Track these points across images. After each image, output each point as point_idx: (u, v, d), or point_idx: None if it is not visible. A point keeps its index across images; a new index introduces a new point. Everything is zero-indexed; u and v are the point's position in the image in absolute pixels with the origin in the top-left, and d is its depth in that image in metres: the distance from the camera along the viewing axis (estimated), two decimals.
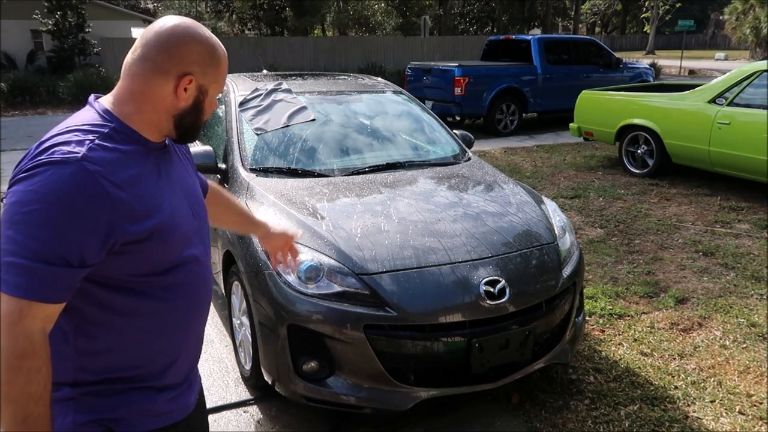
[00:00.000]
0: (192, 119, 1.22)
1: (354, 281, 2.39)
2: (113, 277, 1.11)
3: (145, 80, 1.15)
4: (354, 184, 3.09)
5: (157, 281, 1.17)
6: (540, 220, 2.95)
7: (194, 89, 1.18)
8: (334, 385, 2.37)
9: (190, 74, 1.15)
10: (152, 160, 1.18)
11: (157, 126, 1.19)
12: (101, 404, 1.15)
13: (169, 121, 1.20)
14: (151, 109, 1.16)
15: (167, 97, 1.16)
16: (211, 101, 1.24)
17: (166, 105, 1.17)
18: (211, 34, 1.21)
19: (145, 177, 1.13)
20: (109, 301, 1.12)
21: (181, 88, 1.16)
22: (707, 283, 4.06)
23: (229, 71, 7.33)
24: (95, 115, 1.14)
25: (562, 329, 2.74)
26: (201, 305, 1.30)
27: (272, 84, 3.89)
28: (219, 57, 1.20)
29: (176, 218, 1.18)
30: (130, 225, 1.07)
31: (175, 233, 1.17)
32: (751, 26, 27.27)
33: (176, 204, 1.20)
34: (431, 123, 4.04)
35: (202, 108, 1.23)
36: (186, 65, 1.15)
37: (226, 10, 32.80)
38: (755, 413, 2.64)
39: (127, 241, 1.08)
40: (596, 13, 47.91)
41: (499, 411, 2.69)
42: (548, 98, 10.97)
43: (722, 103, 6.04)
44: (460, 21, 35.87)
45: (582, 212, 5.71)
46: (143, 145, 1.17)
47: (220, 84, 1.24)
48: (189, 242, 1.22)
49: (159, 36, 1.14)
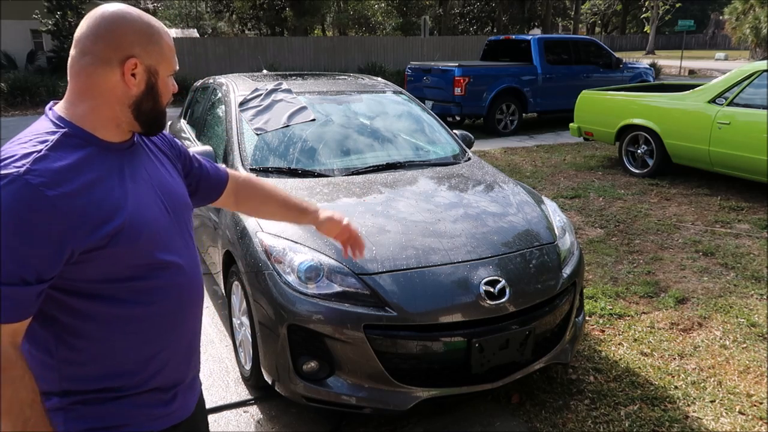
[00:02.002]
0: (150, 105, 1.16)
1: (354, 281, 2.39)
2: (84, 285, 1.08)
3: (88, 75, 1.10)
4: (354, 184, 3.09)
5: (132, 286, 1.13)
6: (540, 220, 2.95)
7: (143, 72, 1.12)
8: (334, 385, 2.37)
9: (133, 57, 1.10)
10: (113, 160, 1.13)
11: (114, 121, 1.14)
12: (93, 413, 1.13)
13: (126, 113, 1.14)
14: (104, 104, 1.11)
15: (117, 87, 1.11)
16: (166, 82, 1.18)
17: (117, 96, 1.12)
18: (144, 13, 1.15)
19: (104, 180, 1.08)
20: (86, 310, 1.09)
21: (128, 74, 1.11)
22: (707, 283, 4.06)
23: (229, 71, 7.32)
24: (48, 124, 1.10)
25: (562, 329, 2.74)
26: (187, 306, 1.25)
27: (272, 84, 3.89)
28: (158, 33, 1.14)
29: (142, 218, 1.13)
30: (87, 234, 1.03)
31: (142, 235, 1.12)
32: (751, 26, 27.27)
33: (145, 203, 1.15)
34: (431, 123, 4.04)
35: (158, 90, 1.17)
36: (126, 48, 1.10)
37: (226, 10, 32.79)
38: (755, 413, 2.64)
39: (87, 249, 1.04)
40: (596, 13, 47.90)
41: (499, 411, 2.69)
42: (548, 98, 10.97)
43: (722, 103, 6.03)
44: (460, 21, 35.87)
45: (582, 212, 5.72)
46: (100, 146, 1.11)
47: (169, 62, 1.17)
48: (161, 243, 1.17)
49: (91, 27, 1.10)
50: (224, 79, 4.29)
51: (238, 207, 1.62)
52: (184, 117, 5.18)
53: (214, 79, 4.67)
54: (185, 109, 5.29)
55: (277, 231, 2.61)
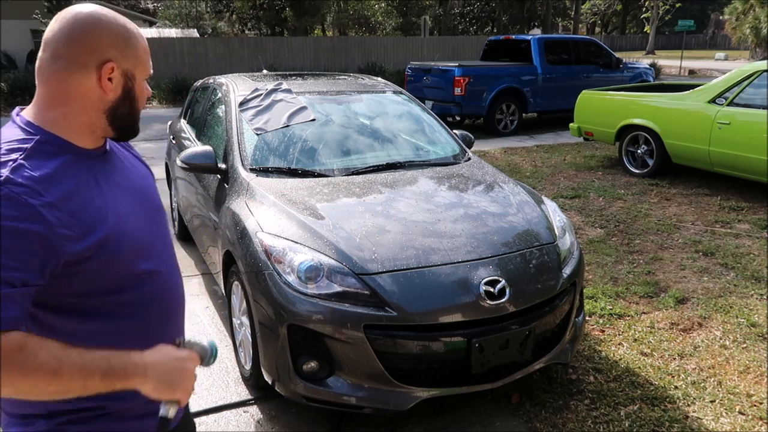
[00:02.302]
0: (126, 110, 1.12)
1: (354, 281, 2.39)
2: (68, 300, 1.04)
3: (61, 80, 1.05)
4: (354, 184, 3.09)
5: (117, 299, 1.09)
6: (540, 220, 2.95)
7: (120, 76, 1.09)
8: (334, 385, 2.37)
9: (110, 61, 1.06)
10: (88, 168, 1.09)
11: (89, 128, 1.10)
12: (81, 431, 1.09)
13: (102, 119, 1.10)
14: (78, 110, 1.07)
15: (92, 92, 1.07)
16: (142, 87, 1.15)
17: (93, 101, 1.08)
18: (118, 14, 1.11)
19: (82, 189, 1.04)
20: (72, 330, 1.05)
21: (105, 78, 1.06)
22: (707, 283, 4.06)
23: (229, 71, 7.32)
24: (18, 131, 1.04)
25: (562, 329, 2.74)
26: (171, 314, 1.22)
27: (272, 84, 3.89)
28: (134, 36, 1.10)
29: (125, 228, 1.09)
30: (70, 245, 0.99)
31: (126, 245, 1.08)
32: (751, 26, 27.25)
33: (125, 212, 1.11)
34: (431, 123, 4.04)
35: (134, 95, 1.13)
36: (102, 52, 1.05)
37: (226, 10, 32.82)
38: (755, 413, 2.64)
39: (72, 261, 1.00)
40: (596, 13, 47.89)
41: (499, 411, 2.69)
42: (548, 98, 10.97)
43: (722, 103, 6.03)
44: (460, 21, 35.87)
45: (582, 212, 5.71)
46: (75, 153, 1.07)
47: (145, 66, 1.14)
48: (145, 253, 1.13)
49: (64, 29, 1.04)
50: (224, 79, 4.29)
51: None
52: (184, 117, 5.18)
53: (214, 79, 4.67)
54: (185, 108, 5.30)
55: (277, 231, 2.61)
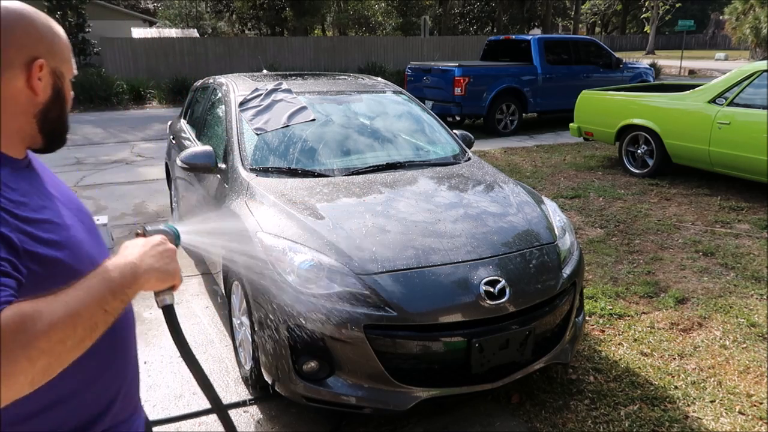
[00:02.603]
0: (57, 113, 1.02)
1: (354, 281, 2.39)
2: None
3: None
4: (354, 184, 3.09)
5: None
6: (540, 220, 2.95)
7: (49, 75, 0.98)
8: (334, 385, 2.37)
9: (38, 58, 0.96)
10: (29, 181, 0.98)
11: (19, 135, 0.98)
12: None
13: (31, 124, 0.99)
14: (7, 115, 0.95)
15: (21, 94, 0.96)
16: (68, 87, 1.05)
17: (22, 104, 0.96)
18: (38, 10, 1.01)
19: (28, 203, 0.93)
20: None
21: (35, 78, 0.96)
22: (707, 283, 4.06)
23: (229, 71, 7.32)
24: None
25: (562, 329, 2.74)
26: (125, 330, 1.12)
27: (272, 84, 3.89)
28: (59, 32, 1.01)
29: (74, 239, 0.99)
30: (31, 255, 0.88)
31: (78, 257, 0.97)
32: (751, 26, 27.26)
33: (68, 224, 1.00)
34: (431, 123, 4.04)
35: (64, 96, 1.04)
36: (30, 49, 0.95)
37: (226, 10, 32.83)
38: (755, 413, 2.64)
39: (27, 276, 0.86)
40: (596, 13, 47.91)
41: (499, 411, 2.69)
42: (548, 98, 10.98)
43: (722, 103, 6.04)
44: (460, 21, 35.89)
45: (582, 212, 5.71)
46: (11, 165, 0.96)
47: (70, 64, 1.04)
48: (93, 264, 0.97)
49: None
50: (224, 79, 4.29)
51: None
52: (184, 117, 5.18)
53: (214, 79, 4.67)
54: (185, 108, 5.30)
55: (277, 231, 2.62)
